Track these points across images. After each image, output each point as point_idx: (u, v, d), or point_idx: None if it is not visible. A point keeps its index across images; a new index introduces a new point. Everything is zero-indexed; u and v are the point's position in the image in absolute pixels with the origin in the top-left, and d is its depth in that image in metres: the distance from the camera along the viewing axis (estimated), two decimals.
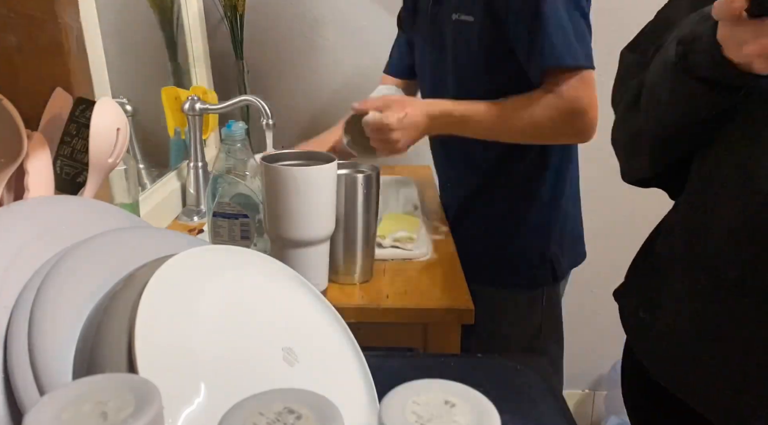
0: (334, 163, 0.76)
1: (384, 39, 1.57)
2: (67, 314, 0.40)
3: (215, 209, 0.87)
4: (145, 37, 1.30)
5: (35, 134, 0.57)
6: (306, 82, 1.63)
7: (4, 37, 0.62)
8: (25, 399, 0.36)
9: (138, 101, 1.08)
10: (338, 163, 0.78)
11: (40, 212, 0.48)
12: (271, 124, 1.11)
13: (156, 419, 0.24)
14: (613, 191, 1.67)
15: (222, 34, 1.55)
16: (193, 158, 1.18)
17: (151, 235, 0.52)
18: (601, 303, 1.78)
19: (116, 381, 0.26)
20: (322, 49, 1.60)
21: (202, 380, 0.38)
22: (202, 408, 0.37)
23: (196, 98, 1.16)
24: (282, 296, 0.51)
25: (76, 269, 0.42)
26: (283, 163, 0.76)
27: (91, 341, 0.38)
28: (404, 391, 0.28)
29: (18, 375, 0.36)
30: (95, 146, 0.58)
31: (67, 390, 0.26)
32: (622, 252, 1.70)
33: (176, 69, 1.38)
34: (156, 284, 0.40)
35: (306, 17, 1.57)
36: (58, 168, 0.60)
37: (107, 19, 0.86)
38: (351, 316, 0.69)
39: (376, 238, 0.91)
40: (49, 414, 0.24)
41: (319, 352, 0.50)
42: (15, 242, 0.43)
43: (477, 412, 0.27)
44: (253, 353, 0.44)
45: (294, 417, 0.26)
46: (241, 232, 0.88)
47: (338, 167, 0.79)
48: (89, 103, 0.60)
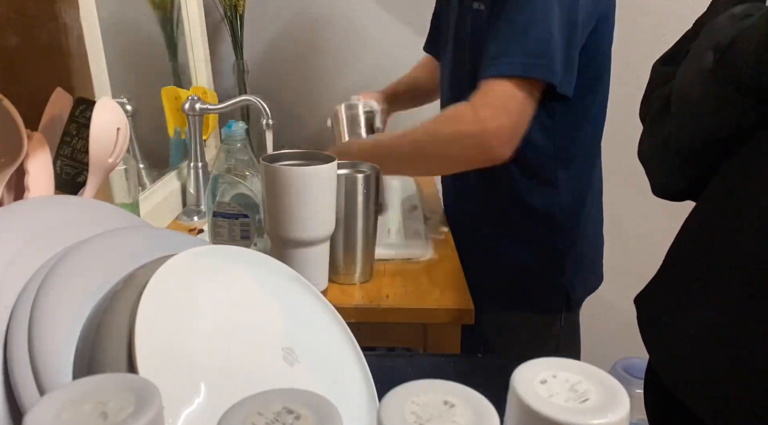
0: (334, 163, 0.76)
1: (384, 38, 1.58)
2: (67, 315, 0.40)
3: (215, 209, 0.87)
4: (145, 37, 1.30)
5: (35, 134, 0.57)
6: (306, 82, 1.63)
7: (5, 37, 0.62)
8: (25, 399, 0.36)
9: (138, 101, 1.08)
10: (338, 163, 0.78)
11: (40, 212, 0.48)
12: (271, 124, 1.12)
13: (156, 419, 0.24)
14: (608, 194, 1.68)
15: (222, 34, 1.55)
16: (193, 158, 1.18)
17: (151, 235, 0.52)
18: (600, 307, 1.79)
19: (116, 381, 0.26)
20: (323, 48, 1.60)
21: (202, 380, 0.38)
22: (202, 408, 0.37)
23: (196, 98, 1.16)
24: (282, 296, 0.51)
25: (76, 269, 0.42)
26: (283, 163, 0.76)
27: (91, 341, 0.38)
28: (403, 391, 0.28)
29: (18, 375, 0.36)
30: (95, 146, 0.58)
31: (67, 390, 0.26)
32: (621, 257, 1.71)
33: (176, 69, 1.38)
34: (156, 284, 0.40)
35: (306, 17, 1.58)
36: (58, 168, 0.60)
37: (107, 19, 0.86)
38: (351, 316, 0.69)
39: (376, 238, 0.91)
40: (49, 414, 0.24)
41: (319, 352, 0.50)
42: (15, 241, 0.43)
43: (476, 413, 0.27)
44: (252, 353, 0.44)
45: (293, 417, 0.26)
46: (241, 232, 0.88)
47: (338, 167, 0.79)
48: (89, 103, 0.60)
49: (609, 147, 1.08)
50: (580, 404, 0.27)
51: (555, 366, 0.30)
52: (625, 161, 1.08)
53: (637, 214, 1.67)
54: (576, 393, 0.28)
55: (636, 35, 1.55)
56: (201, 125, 1.18)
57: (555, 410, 0.26)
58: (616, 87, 1.05)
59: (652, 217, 1.65)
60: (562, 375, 0.29)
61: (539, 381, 0.29)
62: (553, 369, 0.30)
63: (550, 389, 0.28)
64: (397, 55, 1.57)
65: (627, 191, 1.65)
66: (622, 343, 1.85)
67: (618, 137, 1.18)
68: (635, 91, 0.81)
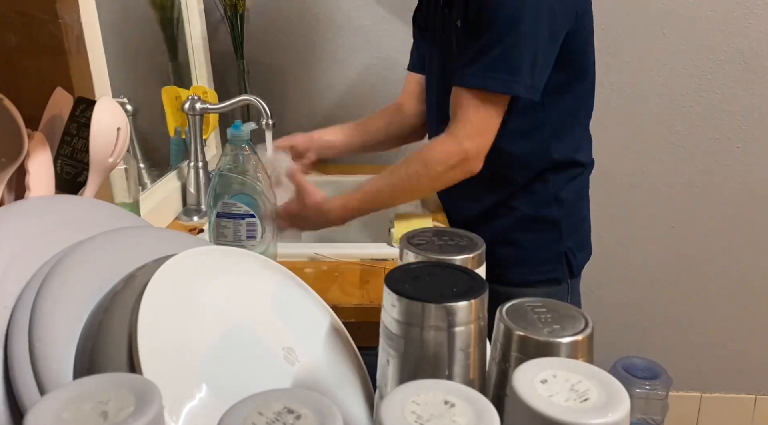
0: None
1: (385, 38, 1.57)
2: (67, 315, 0.40)
3: (219, 210, 0.87)
4: (145, 37, 1.30)
5: (36, 134, 0.57)
6: (306, 82, 1.63)
7: (5, 37, 0.62)
8: (25, 399, 0.36)
9: (138, 101, 1.08)
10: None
11: (41, 212, 0.48)
12: (271, 124, 1.11)
13: (156, 419, 0.24)
14: (609, 194, 1.68)
15: (222, 34, 1.55)
16: (193, 158, 1.18)
17: (151, 235, 0.52)
18: (600, 307, 1.79)
19: (116, 380, 0.26)
20: (323, 48, 1.60)
21: (202, 379, 0.38)
22: (203, 408, 0.37)
23: (196, 98, 1.16)
24: (282, 296, 0.51)
25: (76, 269, 0.42)
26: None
27: (91, 341, 0.38)
28: (404, 391, 0.28)
29: (18, 375, 0.36)
30: (96, 146, 0.58)
31: (67, 390, 0.26)
32: (622, 253, 1.71)
33: (176, 69, 1.38)
34: (157, 284, 0.40)
35: (306, 17, 1.57)
36: (58, 168, 0.60)
37: (107, 19, 0.86)
38: (351, 316, 0.69)
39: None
40: (49, 414, 0.24)
41: (318, 352, 0.50)
42: (15, 241, 0.43)
43: (476, 412, 0.27)
44: (253, 353, 0.44)
45: (293, 416, 0.26)
46: (247, 232, 0.88)
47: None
48: (89, 103, 0.60)
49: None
50: (580, 403, 0.27)
51: (555, 365, 0.30)
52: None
53: (641, 213, 1.67)
54: (576, 393, 0.28)
55: (636, 34, 1.55)
56: (201, 125, 1.18)
57: (555, 409, 0.27)
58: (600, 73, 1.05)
59: (658, 218, 1.66)
60: (562, 375, 0.29)
61: (539, 381, 0.29)
62: (554, 368, 0.30)
63: (550, 388, 0.28)
64: (397, 55, 1.57)
65: (632, 191, 1.65)
66: (622, 343, 1.85)
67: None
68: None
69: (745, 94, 1.59)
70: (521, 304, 0.39)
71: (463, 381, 0.37)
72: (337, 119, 1.21)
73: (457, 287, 0.38)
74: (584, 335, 0.36)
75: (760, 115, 1.60)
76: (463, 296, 0.36)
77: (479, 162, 0.97)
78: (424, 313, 0.36)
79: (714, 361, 1.83)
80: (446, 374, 0.36)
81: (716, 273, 1.73)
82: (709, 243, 1.69)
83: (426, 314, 0.36)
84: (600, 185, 1.36)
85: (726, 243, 1.70)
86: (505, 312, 0.38)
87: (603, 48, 1.55)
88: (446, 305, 0.35)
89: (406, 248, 0.47)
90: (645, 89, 1.58)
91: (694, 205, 1.66)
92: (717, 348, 1.82)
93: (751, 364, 1.82)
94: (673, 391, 1.73)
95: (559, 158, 1.06)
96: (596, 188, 1.26)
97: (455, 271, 0.41)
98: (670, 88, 1.59)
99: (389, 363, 0.38)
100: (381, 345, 0.39)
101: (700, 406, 1.87)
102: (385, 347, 0.38)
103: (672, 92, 1.59)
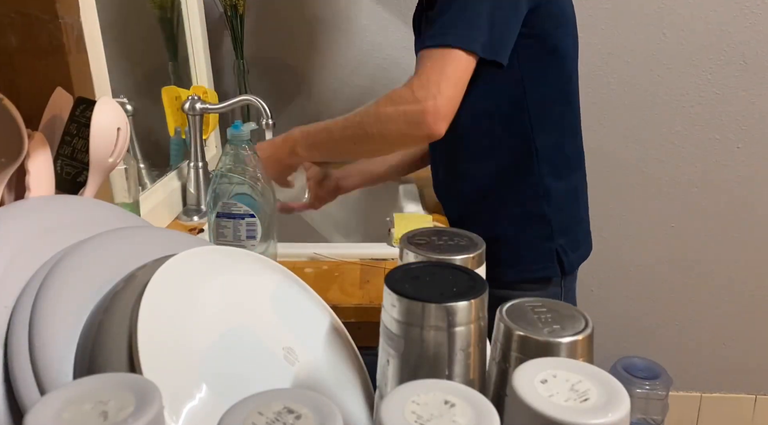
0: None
1: (385, 38, 1.58)
2: (67, 314, 0.40)
3: (219, 210, 0.87)
4: (145, 37, 1.30)
5: (36, 134, 0.57)
6: (306, 82, 1.63)
7: (4, 37, 0.62)
8: (25, 399, 0.36)
9: (138, 101, 1.08)
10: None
11: (41, 212, 0.48)
12: (271, 124, 1.11)
13: (156, 419, 0.24)
14: (609, 194, 1.68)
15: (222, 34, 1.55)
16: (193, 158, 1.18)
17: (151, 235, 0.52)
18: (600, 307, 1.79)
19: (116, 380, 0.26)
20: (323, 48, 1.60)
21: (202, 379, 0.38)
22: (203, 408, 0.37)
23: (196, 98, 1.16)
24: (282, 296, 0.51)
25: (76, 269, 0.42)
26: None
27: (91, 341, 0.38)
28: (404, 391, 0.28)
29: (18, 375, 0.36)
30: (96, 146, 0.58)
31: (67, 390, 0.26)
32: (622, 253, 1.71)
33: (176, 69, 1.38)
34: (157, 284, 0.40)
35: (306, 17, 1.57)
36: (58, 168, 0.60)
37: (107, 19, 0.86)
38: (351, 316, 0.69)
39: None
40: (49, 414, 0.24)
41: (318, 352, 0.50)
42: (15, 241, 0.43)
43: (476, 412, 0.27)
44: (253, 353, 0.44)
45: (293, 416, 0.26)
46: (247, 232, 0.88)
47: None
48: (89, 103, 0.60)
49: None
50: (580, 403, 0.27)
51: (555, 365, 0.30)
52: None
53: (641, 213, 1.67)
54: (576, 393, 0.28)
55: (636, 34, 1.55)
56: (201, 125, 1.18)
57: (555, 409, 0.27)
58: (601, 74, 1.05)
59: (658, 218, 1.66)
60: (562, 375, 0.29)
61: (539, 381, 0.29)
62: (554, 368, 0.30)
63: (550, 388, 0.28)
64: (398, 55, 1.57)
65: (632, 191, 1.65)
66: (622, 343, 1.85)
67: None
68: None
69: (745, 94, 1.59)
70: (521, 304, 0.39)
71: (463, 381, 0.37)
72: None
73: (457, 287, 0.38)
74: (584, 335, 0.36)
75: (760, 115, 1.61)
76: (464, 296, 0.36)
77: (439, 123, 0.91)
78: (424, 313, 0.36)
79: (714, 361, 1.83)
80: (446, 374, 0.36)
81: (716, 273, 1.73)
82: (709, 243, 1.69)
83: (426, 315, 0.36)
84: (600, 185, 1.36)
85: (726, 243, 1.70)
86: (505, 312, 0.38)
87: (603, 48, 1.56)
88: (446, 305, 0.35)
89: (406, 248, 0.47)
90: (645, 89, 1.59)
91: (694, 205, 1.66)
92: (717, 348, 1.82)
93: (751, 364, 1.83)
94: (673, 391, 1.74)
95: (542, 146, 1.05)
96: (596, 187, 1.26)
97: (455, 271, 0.41)
98: (670, 88, 1.59)
99: (389, 363, 0.38)
100: (381, 345, 0.39)
101: (700, 406, 1.87)
102: (385, 347, 0.38)
103: (672, 92, 1.59)
